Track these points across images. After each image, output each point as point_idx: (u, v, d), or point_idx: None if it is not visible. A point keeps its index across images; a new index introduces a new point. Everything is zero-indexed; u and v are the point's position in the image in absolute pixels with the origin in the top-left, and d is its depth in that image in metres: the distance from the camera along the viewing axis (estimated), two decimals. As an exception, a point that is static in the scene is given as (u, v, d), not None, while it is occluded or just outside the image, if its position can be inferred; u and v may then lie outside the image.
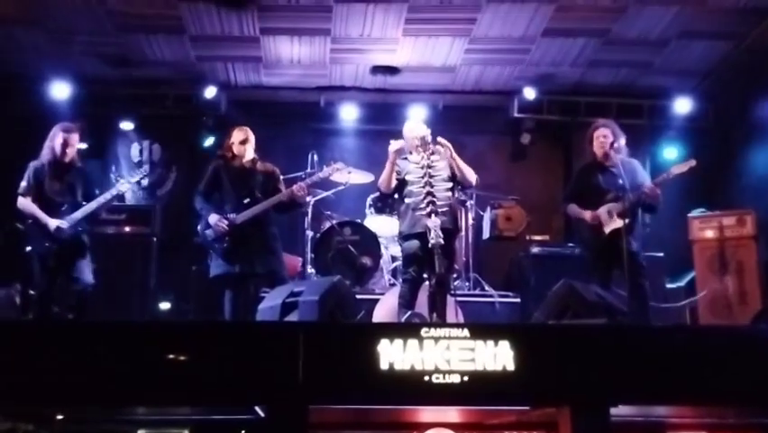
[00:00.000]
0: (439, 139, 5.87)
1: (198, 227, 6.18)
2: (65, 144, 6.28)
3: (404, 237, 5.85)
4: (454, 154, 5.86)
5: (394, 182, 5.86)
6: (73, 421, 4.78)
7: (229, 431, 4.80)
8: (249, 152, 6.24)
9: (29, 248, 6.11)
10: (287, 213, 6.49)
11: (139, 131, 9.05)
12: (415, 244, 5.72)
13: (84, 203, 6.23)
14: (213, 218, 6.05)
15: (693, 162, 6.10)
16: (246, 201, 6.06)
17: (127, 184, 6.43)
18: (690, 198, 8.00)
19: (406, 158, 5.93)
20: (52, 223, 6.08)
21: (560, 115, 9.31)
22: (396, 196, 6.01)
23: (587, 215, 6.23)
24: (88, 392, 4.05)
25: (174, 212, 8.32)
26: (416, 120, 6.53)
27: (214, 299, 6.24)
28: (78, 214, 6.17)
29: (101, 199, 6.25)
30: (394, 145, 5.83)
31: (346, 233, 7.28)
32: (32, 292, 6.08)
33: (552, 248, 7.84)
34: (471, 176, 5.92)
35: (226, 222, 6.00)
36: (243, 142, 6.21)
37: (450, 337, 4.12)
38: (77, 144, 6.40)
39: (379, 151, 6.13)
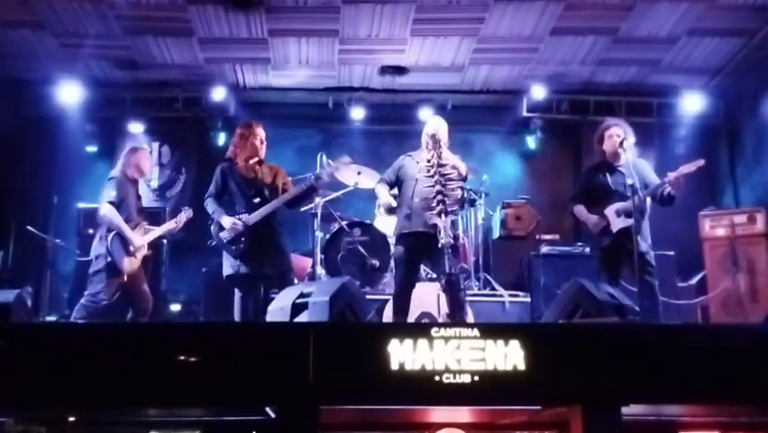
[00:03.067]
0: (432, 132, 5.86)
1: (212, 230, 6.17)
2: (145, 162, 6.52)
3: (400, 236, 5.86)
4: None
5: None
6: (85, 423, 4.79)
7: (240, 432, 4.81)
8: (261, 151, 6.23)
9: (109, 259, 6.11)
10: (297, 208, 6.48)
11: (148, 133, 9.10)
12: (399, 248, 5.80)
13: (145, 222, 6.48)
14: (226, 221, 6.04)
15: (702, 162, 6.07)
16: (257, 201, 6.05)
17: (183, 219, 6.65)
18: (701, 195, 7.97)
19: (410, 155, 5.95)
20: (137, 241, 6.25)
21: (569, 114, 9.31)
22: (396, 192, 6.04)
23: (591, 220, 6.20)
24: (100, 394, 4.06)
25: (184, 214, 8.33)
26: (434, 118, 6.46)
27: (225, 300, 6.24)
28: (150, 236, 6.41)
29: (167, 226, 6.59)
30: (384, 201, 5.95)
31: (355, 233, 7.28)
32: (93, 301, 6.09)
33: (562, 247, 7.82)
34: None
35: (241, 223, 5.99)
36: (254, 150, 6.19)
37: (460, 337, 4.11)
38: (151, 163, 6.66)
39: (388, 151, 6.16)
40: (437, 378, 4.04)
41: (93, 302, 6.08)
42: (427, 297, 6.36)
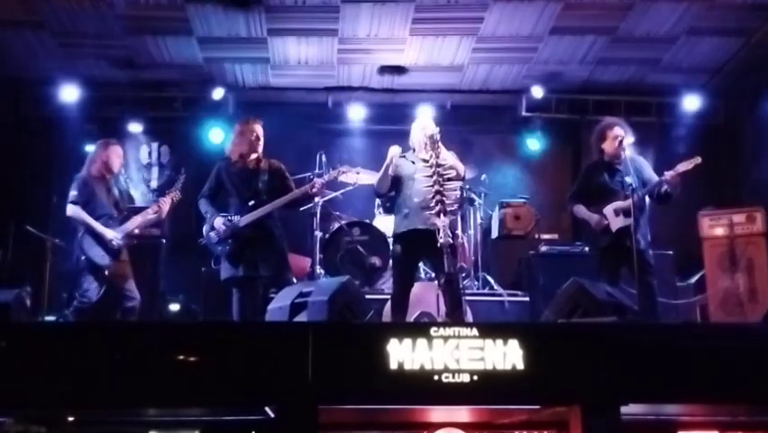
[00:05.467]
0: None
1: (203, 229, 6.17)
2: (113, 159, 6.45)
3: (398, 235, 5.86)
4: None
5: (389, 183, 5.93)
6: (84, 423, 4.79)
7: (239, 432, 4.81)
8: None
9: (83, 257, 6.15)
10: (296, 209, 6.47)
11: (147, 133, 9.09)
12: (398, 247, 5.80)
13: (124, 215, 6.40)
14: (217, 221, 6.03)
15: (699, 160, 6.08)
16: (251, 203, 6.03)
17: (166, 204, 6.48)
18: (700, 195, 7.97)
19: (404, 156, 5.95)
20: (109, 234, 6.20)
21: (568, 114, 9.31)
22: (393, 193, 6.02)
23: (593, 220, 6.21)
24: (99, 394, 4.06)
25: (183, 214, 8.32)
26: (425, 118, 6.50)
27: (224, 300, 6.24)
28: (129, 225, 6.33)
29: (150, 213, 6.43)
30: (394, 151, 5.86)
31: (355, 233, 7.29)
32: (82, 301, 6.10)
33: (561, 247, 7.82)
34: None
35: (229, 224, 5.97)
36: (251, 145, 6.16)
37: (459, 337, 4.12)
38: (121, 159, 6.57)
39: (387, 150, 6.13)
40: (436, 377, 4.05)
41: (81, 302, 6.12)
42: (426, 296, 6.36)
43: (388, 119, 9.20)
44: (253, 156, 6.15)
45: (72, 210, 6.24)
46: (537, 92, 9.02)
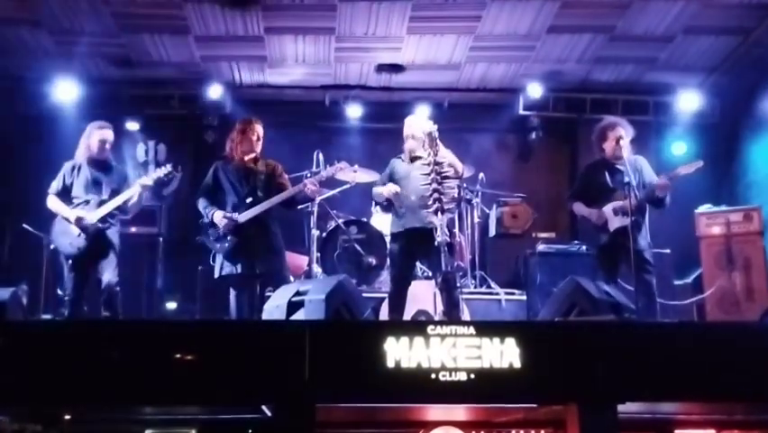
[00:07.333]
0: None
1: (201, 226, 6.16)
2: (93, 141, 6.36)
3: (395, 234, 5.85)
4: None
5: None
6: (81, 421, 4.79)
7: (236, 431, 4.81)
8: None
9: (53, 246, 6.16)
10: (293, 208, 6.46)
11: (144, 131, 9.07)
12: (395, 246, 5.78)
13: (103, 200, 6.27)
14: (217, 216, 6.02)
15: (700, 163, 6.08)
16: (249, 200, 6.03)
17: (149, 180, 6.36)
18: (697, 194, 7.98)
19: (400, 157, 5.96)
20: (72, 215, 6.09)
21: (566, 112, 9.31)
22: None
23: (593, 215, 6.22)
24: (96, 392, 4.06)
25: (180, 212, 8.33)
26: (421, 116, 6.47)
27: (221, 298, 6.23)
28: (102, 210, 6.19)
29: (124, 196, 6.24)
30: (394, 188, 5.83)
31: (352, 231, 7.29)
32: (59, 292, 6.10)
33: (558, 245, 7.82)
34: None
35: (229, 218, 5.96)
36: (251, 145, 6.17)
37: (456, 335, 4.11)
38: (111, 141, 6.45)
39: (384, 149, 6.16)
40: (433, 376, 4.04)
41: (66, 296, 6.11)
42: (424, 294, 6.36)
43: (385, 117, 9.18)
44: (251, 155, 6.16)
45: (49, 202, 6.23)
46: (535, 90, 9.01)
